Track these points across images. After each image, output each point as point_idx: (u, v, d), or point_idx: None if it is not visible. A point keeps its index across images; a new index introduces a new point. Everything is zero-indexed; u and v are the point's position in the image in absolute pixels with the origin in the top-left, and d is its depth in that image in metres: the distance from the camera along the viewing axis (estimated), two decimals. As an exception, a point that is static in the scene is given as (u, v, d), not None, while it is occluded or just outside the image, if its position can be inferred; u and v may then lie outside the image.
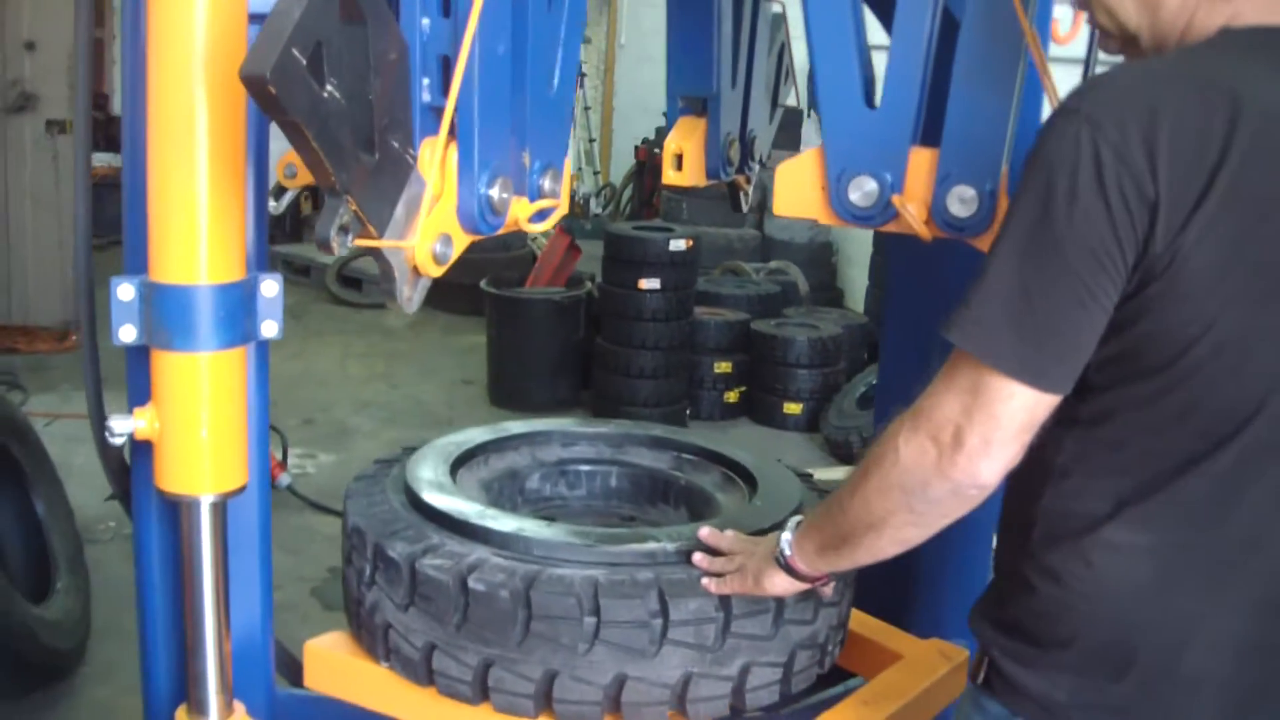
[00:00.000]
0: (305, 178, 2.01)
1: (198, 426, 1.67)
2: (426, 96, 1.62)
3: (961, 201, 1.85)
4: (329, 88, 1.35)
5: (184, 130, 1.59)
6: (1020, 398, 1.43)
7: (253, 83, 1.26)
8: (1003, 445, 1.46)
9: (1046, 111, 2.01)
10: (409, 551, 1.90)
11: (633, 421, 2.70)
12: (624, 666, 1.82)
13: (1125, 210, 1.36)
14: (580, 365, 6.74)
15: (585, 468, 2.47)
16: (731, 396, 6.76)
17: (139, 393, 1.79)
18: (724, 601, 1.85)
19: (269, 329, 1.73)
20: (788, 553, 1.78)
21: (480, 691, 1.87)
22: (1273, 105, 1.39)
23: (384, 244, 1.53)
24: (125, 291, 1.65)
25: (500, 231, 1.75)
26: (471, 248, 6.63)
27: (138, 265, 1.74)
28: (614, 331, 6.42)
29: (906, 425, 1.53)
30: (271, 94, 1.26)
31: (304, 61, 1.30)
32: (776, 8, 2.53)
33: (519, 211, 1.77)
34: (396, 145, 1.51)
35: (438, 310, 8.34)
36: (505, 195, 1.71)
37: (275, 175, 1.95)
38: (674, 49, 2.37)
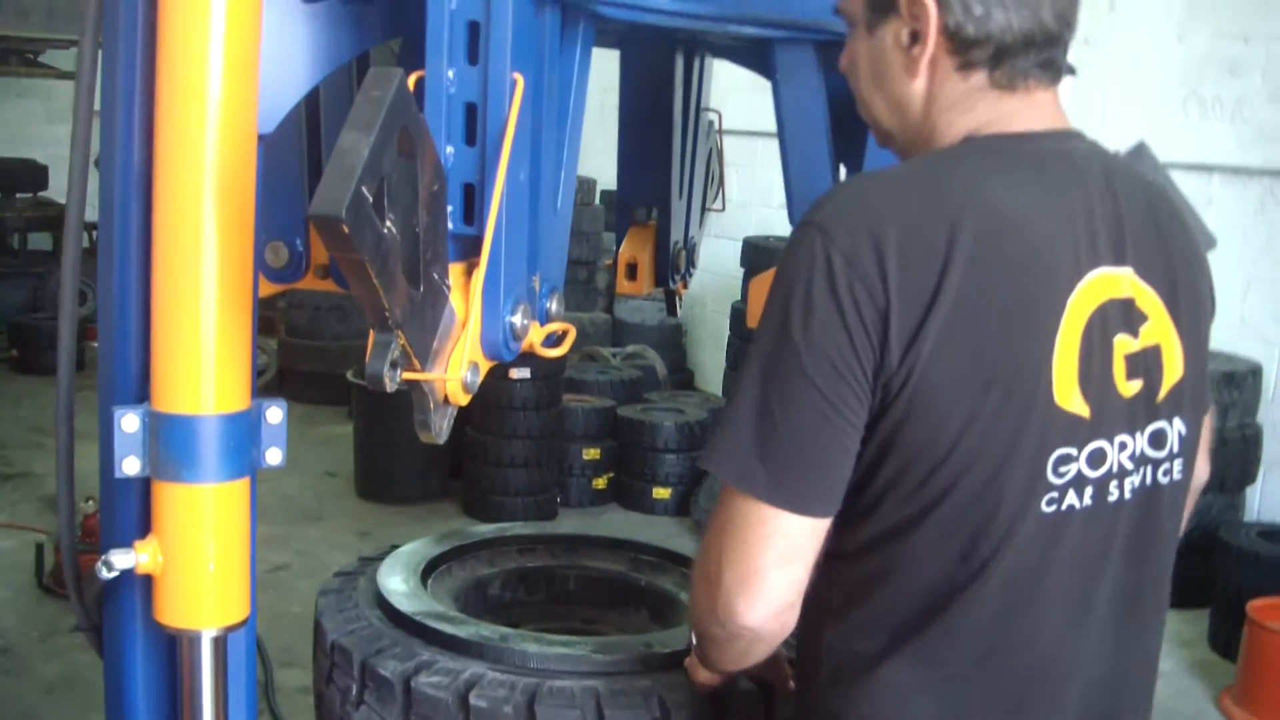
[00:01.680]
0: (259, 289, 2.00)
1: (205, 560, 1.64)
2: (450, 224, 1.64)
3: None
4: (388, 224, 1.36)
5: (193, 258, 1.57)
6: (775, 523, 1.37)
7: (325, 222, 1.26)
8: (760, 581, 1.37)
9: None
10: (402, 670, 1.89)
11: (577, 514, 2.73)
12: (628, 775, 1.84)
13: (859, 319, 1.33)
14: (449, 456, 6.69)
15: (545, 573, 2.48)
16: (600, 483, 6.79)
17: (125, 526, 1.74)
18: (718, 703, 1.88)
19: (273, 456, 1.71)
20: (692, 641, 1.77)
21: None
22: (996, 211, 1.37)
23: (430, 377, 1.54)
24: (130, 423, 1.61)
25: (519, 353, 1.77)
26: (328, 336, 6.59)
27: (127, 394, 1.71)
28: (484, 421, 6.40)
29: (696, 558, 1.49)
30: (344, 233, 1.26)
31: (371, 199, 1.31)
32: (712, 116, 2.62)
33: (533, 336, 1.79)
34: (436, 277, 1.52)
35: (293, 400, 8.14)
36: (526, 321, 1.73)
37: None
38: (627, 160, 2.43)
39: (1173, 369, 1.50)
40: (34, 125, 10.83)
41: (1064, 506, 1.42)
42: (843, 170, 2.14)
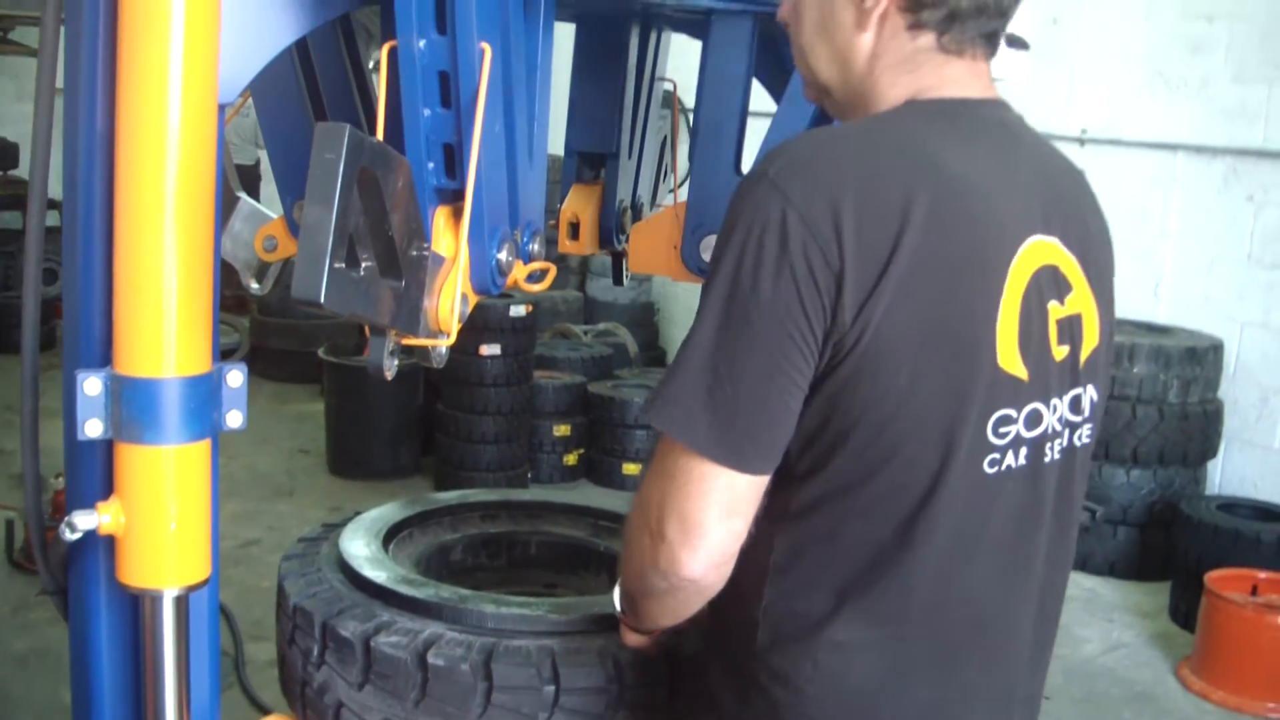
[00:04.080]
0: (285, 250, 2.04)
1: (166, 520, 1.67)
2: (434, 181, 1.73)
3: None
4: (364, 264, 1.44)
5: (155, 225, 1.60)
6: (715, 478, 1.38)
7: (307, 303, 1.37)
8: (703, 534, 1.39)
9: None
10: (362, 630, 1.93)
11: (547, 490, 2.77)
12: (583, 732, 1.88)
13: (811, 279, 1.33)
14: (421, 432, 6.73)
15: (507, 539, 2.52)
16: (571, 459, 6.85)
17: (89, 489, 1.77)
18: (671, 662, 1.92)
19: (234, 419, 1.74)
20: (618, 607, 1.75)
21: (440, 764, 1.91)
22: (948, 176, 1.39)
23: (427, 343, 1.62)
24: (92, 385, 1.64)
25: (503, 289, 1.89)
26: (299, 314, 6.64)
27: (91, 358, 1.74)
28: (455, 397, 6.44)
29: (632, 511, 1.50)
30: (326, 310, 1.38)
31: (344, 264, 1.39)
32: (668, 85, 2.64)
33: (517, 273, 1.89)
34: (415, 253, 1.58)
35: (264, 378, 8.20)
36: (510, 258, 1.84)
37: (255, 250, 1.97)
38: (577, 105, 2.44)
39: (1091, 336, 1.55)
40: (4, 103, 10.78)
41: (1004, 467, 1.45)
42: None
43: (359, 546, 2.19)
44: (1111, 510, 5.87)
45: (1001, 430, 1.44)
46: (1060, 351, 1.49)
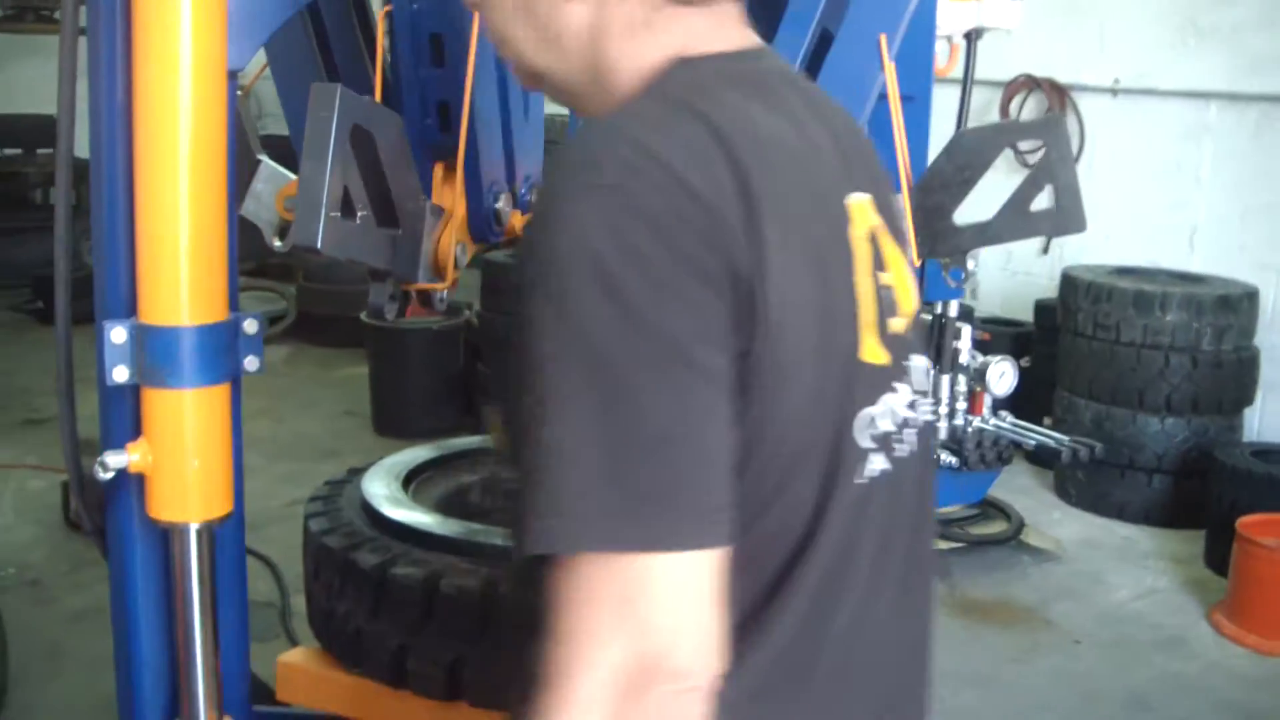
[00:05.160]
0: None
1: (189, 458, 1.80)
2: (431, 136, 1.86)
3: None
4: (360, 214, 1.54)
5: (171, 186, 1.73)
6: (693, 567, 1.02)
7: (305, 251, 1.48)
8: (707, 632, 1.03)
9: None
10: (379, 562, 2.06)
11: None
12: (584, 653, 2.00)
13: (706, 275, 1.04)
14: (462, 392, 6.87)
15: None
16: (609, 414, 6.95)
17: (120, 431, 1.91)
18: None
19: (251, 364, 1.87)
20: None
21: (452, 687, 2.03)
22: (771, 143, 1.15)
23: (425, 286, 1.75)
24: (118, 334, 1.78)
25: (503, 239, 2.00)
26: (344, 280, 6.73)
27: (118, 308, 1.87)
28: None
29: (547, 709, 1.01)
30: (321, 255, 1.49)
31: (339, 214, 1.49)
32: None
33: (516, 223, 2.00)
34: (410, 206, 1.70)
35: (310, 344, 8.38)
36: (508, 208, 1.95)
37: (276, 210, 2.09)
38: None
39: (907, 300, 1.30)
40: (52, 82, 10.95)
41: (868, 472, 1.20)
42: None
43: (379, 488, 2.32)
44: (1145, 458, 5.90)
45: (870, 431, 1.20)
46: (895, 324, 1.25)
